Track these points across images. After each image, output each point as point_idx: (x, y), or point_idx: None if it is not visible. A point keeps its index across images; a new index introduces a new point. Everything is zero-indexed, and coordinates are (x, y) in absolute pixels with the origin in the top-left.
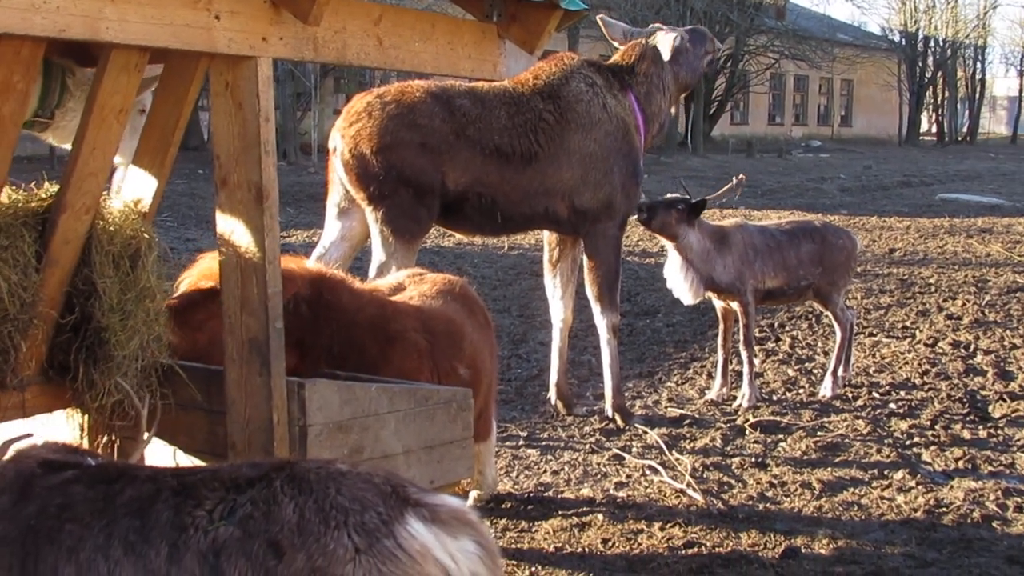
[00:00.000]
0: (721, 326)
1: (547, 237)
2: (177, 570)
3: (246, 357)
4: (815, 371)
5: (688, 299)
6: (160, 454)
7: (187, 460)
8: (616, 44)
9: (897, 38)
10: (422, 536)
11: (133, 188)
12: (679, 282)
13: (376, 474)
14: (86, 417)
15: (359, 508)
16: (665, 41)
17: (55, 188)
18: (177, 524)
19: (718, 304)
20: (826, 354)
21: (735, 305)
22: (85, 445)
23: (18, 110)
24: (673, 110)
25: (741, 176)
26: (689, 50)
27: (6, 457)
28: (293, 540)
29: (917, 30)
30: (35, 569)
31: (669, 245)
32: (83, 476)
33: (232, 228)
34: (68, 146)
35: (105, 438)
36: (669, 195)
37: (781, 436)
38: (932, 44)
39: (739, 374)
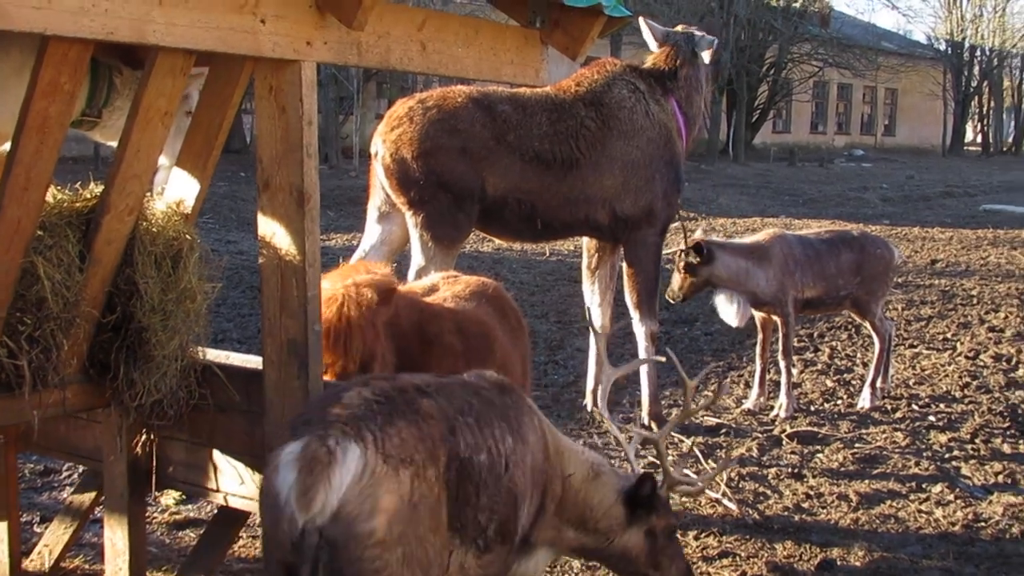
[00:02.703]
0: (759, 336)
1: (586, 243)
2: None
3: (284, 359)
4: (854, 382)
5: (735, 322)
6: None
7: (224, 461)
8: (655, 47)
9: (943, 47)
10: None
11: (176, 189)
12: (724, 308)
13: None
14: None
15: None
16: (703, 44)
17: (99, 189)
18: None
19: (757, 314)
20: (865, 365)
21: (775, 315)
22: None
23: (65, 111)
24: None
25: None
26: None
27: None
28: None
29: (964, 39)
30: None
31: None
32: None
33: (273, 230)
34: (114, 144)
35: (144, 437)
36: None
37: (818, 447)
38: (979, 53)
39: (776, 384)
